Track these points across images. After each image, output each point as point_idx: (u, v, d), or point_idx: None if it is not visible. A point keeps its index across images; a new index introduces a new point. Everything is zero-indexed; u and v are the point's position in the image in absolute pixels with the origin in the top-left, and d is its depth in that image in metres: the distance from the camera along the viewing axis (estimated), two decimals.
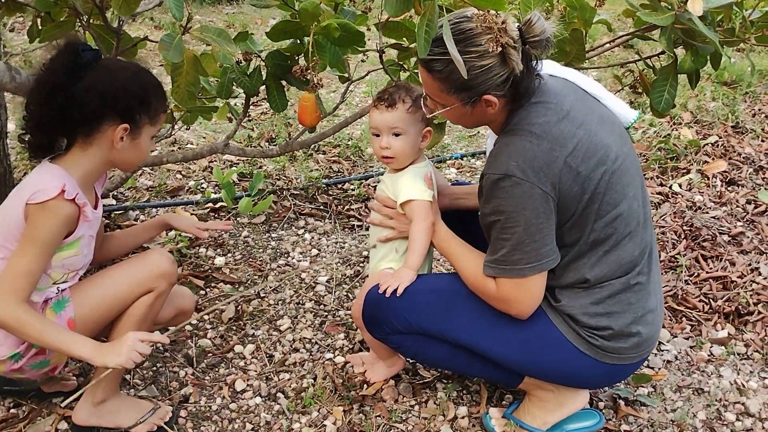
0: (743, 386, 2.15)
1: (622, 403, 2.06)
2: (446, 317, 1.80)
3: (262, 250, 2.79)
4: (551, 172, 1.58)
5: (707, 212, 3.12)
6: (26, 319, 1.57)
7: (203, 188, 3.20)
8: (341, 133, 3.63)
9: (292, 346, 2.28)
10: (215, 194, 3.09)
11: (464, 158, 3.69)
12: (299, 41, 2.04)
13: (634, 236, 1.69)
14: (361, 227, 2.98)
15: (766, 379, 2.20)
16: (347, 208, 3.11)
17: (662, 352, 2.29)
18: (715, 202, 3.22)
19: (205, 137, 3.78)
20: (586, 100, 1.72)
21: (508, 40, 1.52)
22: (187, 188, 3.20)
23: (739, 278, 2.64)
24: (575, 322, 1.71)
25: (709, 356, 2.29)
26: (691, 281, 2.65)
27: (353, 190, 3.27)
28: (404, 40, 2.08)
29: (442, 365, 2.03)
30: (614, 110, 1.76)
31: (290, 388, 2.09)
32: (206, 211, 3.01)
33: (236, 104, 3.37)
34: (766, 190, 3.30)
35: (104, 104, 1.63)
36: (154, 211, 2.99)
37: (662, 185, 3.37)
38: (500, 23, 1.52)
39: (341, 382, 2.10)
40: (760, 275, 2.67)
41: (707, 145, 3.71)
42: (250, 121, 3.97)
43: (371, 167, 3.52)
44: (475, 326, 1.77)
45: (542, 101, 1.64)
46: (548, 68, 1.75)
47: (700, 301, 2.54)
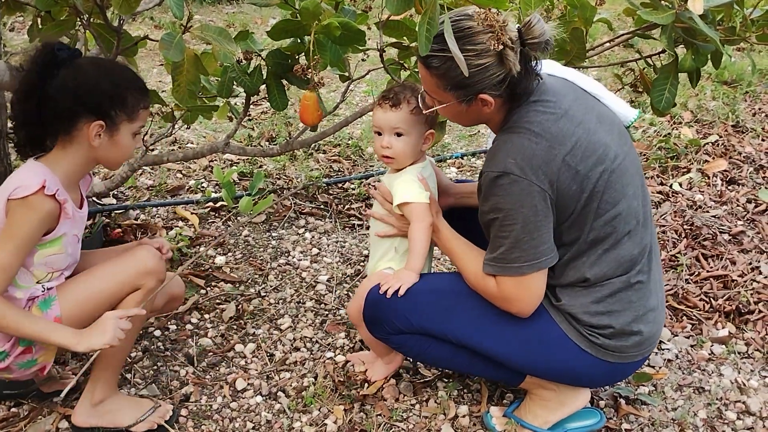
0: (744, 385, 2.15)
1: (622, 401, 2.06)
2: (447, 317, 1.80)
3: (262, 249, 2.79)
4: (549, 170, 1.58)
5: (708, 211, 3.12)
6: (1, 309, 1.57)
7: (203, 187, 3.20)
8: (341, 132, 3.62)
9: (292, 345, 2.28)
10: (216, 193, 3.09)
11: (465, 157, 3.69)
12: (300, 40, 2.03)
13: (633, 235, 1.69)
14: (361, 226, 2.98)
15: (766, 377, 2.20)
16: (347, 207, 3.11)
17: (663, 351, 2.29)
18: (715, 201, 3.22)
19: (205, 136, 3.78)
20: (585, 99, 1.72)
21: (507, 39, 1.53)
22: (187, 187, 3.20)
23: (739, 277, 2.64)
24: (576, 320, 1.71)
25: (709, 355, 2.29)
26: (691, 280, 2.65)
27: (353, 189, 3.26)
28: (405, 38, 2.08)
29: (443, 365, 2.03)
30: (614, 109, 1.76)
31: (291, 387, 2.09)
32: (207, 210, 3.01)
33: (237, 103, 3.37)
34: (766, 189, 3.30)
35: (76, 102, 1.63)
36: (154, 210, 2.99)
37: (662, 184, 3.37)
38: (501, 21, 1.52)
39: (342, 381, 2.10)
40: (760, 274, 2.67)
41: (707, 144, 3.71)
42: (250, 120, 3.97)
43: (371, 166, 3.52)
44: (476, 326, 1.77)
45: (541, 100, 1.64)
46: (548, 68, 1.75)
47: (700, 300, 2.54)
